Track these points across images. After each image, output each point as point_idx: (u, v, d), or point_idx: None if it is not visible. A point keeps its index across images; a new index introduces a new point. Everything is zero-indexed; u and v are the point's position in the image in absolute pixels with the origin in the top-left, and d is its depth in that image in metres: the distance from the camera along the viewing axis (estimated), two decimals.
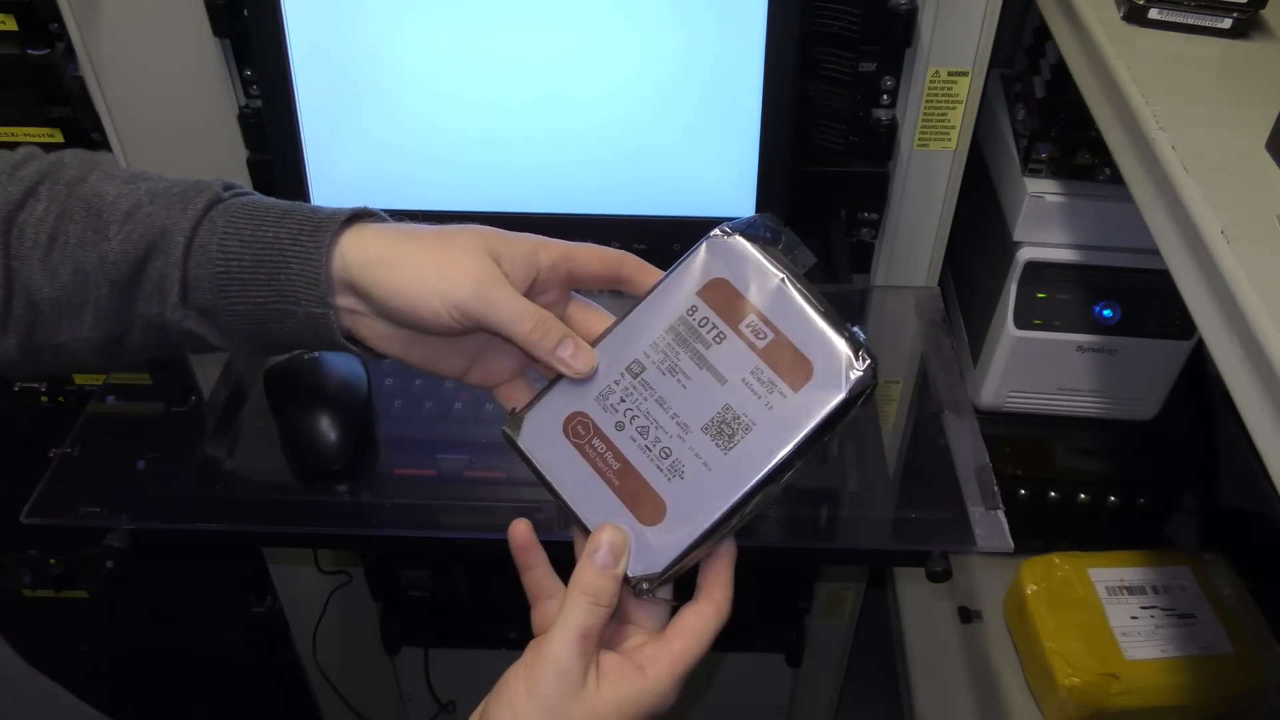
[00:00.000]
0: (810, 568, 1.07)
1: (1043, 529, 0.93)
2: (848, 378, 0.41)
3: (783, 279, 0.42)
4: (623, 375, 0.43)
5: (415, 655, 1.18)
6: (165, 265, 0.45)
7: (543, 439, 0.44)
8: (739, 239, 0.43)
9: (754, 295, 0.43)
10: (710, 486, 0.42)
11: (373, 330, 0.47)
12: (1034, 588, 0.86)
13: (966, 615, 0.93)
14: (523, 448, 0.44)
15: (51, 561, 1.09)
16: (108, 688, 1.22)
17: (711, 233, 0.44)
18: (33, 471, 0.67)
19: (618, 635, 0.44)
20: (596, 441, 0.43)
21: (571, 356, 0.43)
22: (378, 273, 0.44)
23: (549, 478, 0.43)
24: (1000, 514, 0.64)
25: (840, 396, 0.41)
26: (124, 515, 0.64)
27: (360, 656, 1.19)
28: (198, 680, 1.25)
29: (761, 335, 0.42)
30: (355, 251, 0.45)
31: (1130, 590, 0.85)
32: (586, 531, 0.43)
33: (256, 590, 1.13)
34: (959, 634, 0.93)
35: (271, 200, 0.47)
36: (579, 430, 0.43)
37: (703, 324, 0.43)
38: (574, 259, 0.46)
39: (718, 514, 0.41)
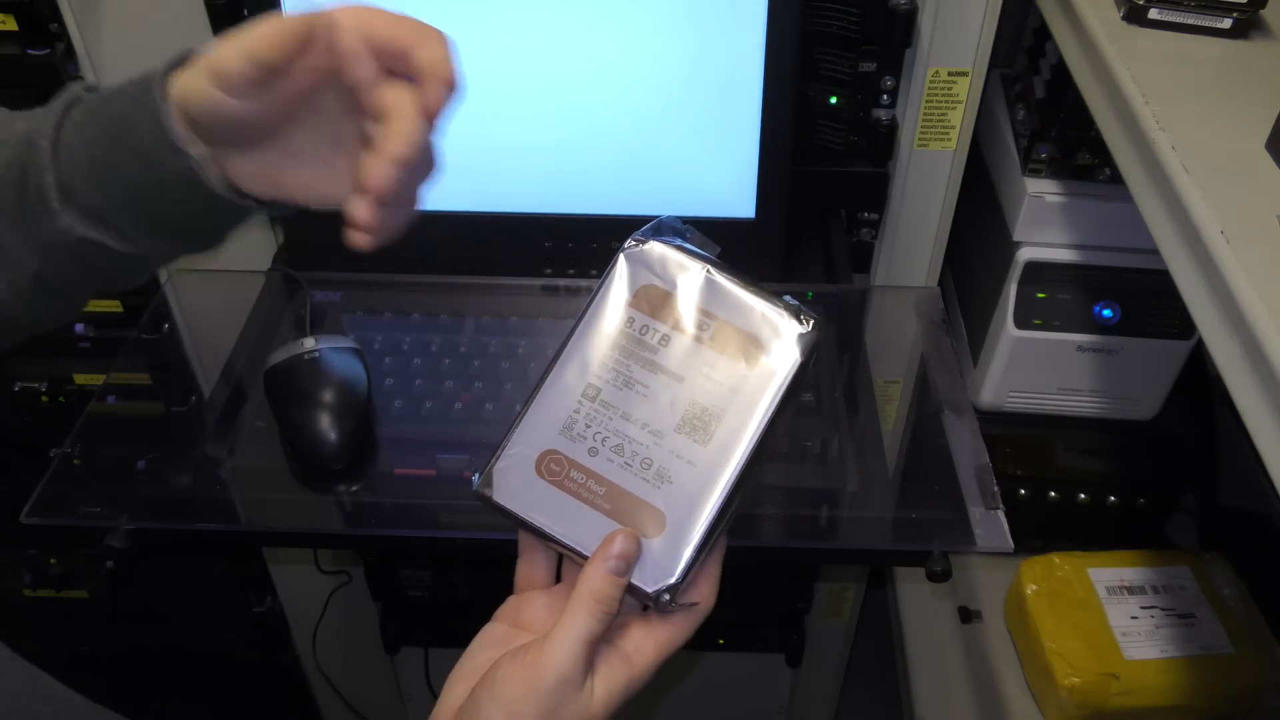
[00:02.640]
0: (810, 568, 1.07)
1: (1043, 529, 0.93)
2: (797, 341, 0.43)
3: (707, 269, 0.44)
4: (581, 403, 0.43)
5: (415, 655, 1.18)
6: (38, 173, 0.44)
7: (518, 487, 0.43)
8: (653, 243, 0.44)
9: (684, 291, 0.44)
10: (701, 480, 0.42)
11: (238, 170, 0.44)
12: (1034, 588, 0.86)
13: (966, 615, 0.93)
14: (500, 502, 0.43)
15: (51, 561, 1.09)
16: (108, 688, 1.22)
17: (625, 245, 0.45)
18: (33, 471, 0.67)
19: None
20: (575, 473, 0.43)
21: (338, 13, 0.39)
22: (189, 89, 0.41)
23: (537, 524, 0.43)
24: (1000, 514, 0.64)
25: (797, 359, 0.42)
26: (124, 515, 0.64)
27: (360, 656, 1.19)
28: (198, 680, 1.25)
29: (704, 326, 0.43)
30: (181, 87, 0.42)
31: (1130, 590, 0.85)
32: None
33: (256, 590, 1.13)
34: (959, 634, 0.93)
35: (124, 81, 0.45)
36: (553, 468, 0.43)
37: (644, 332, 0.43)
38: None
39: (717, 503, 0.42)
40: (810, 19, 0.73)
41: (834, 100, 0.79)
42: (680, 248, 0.44)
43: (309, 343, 0.69)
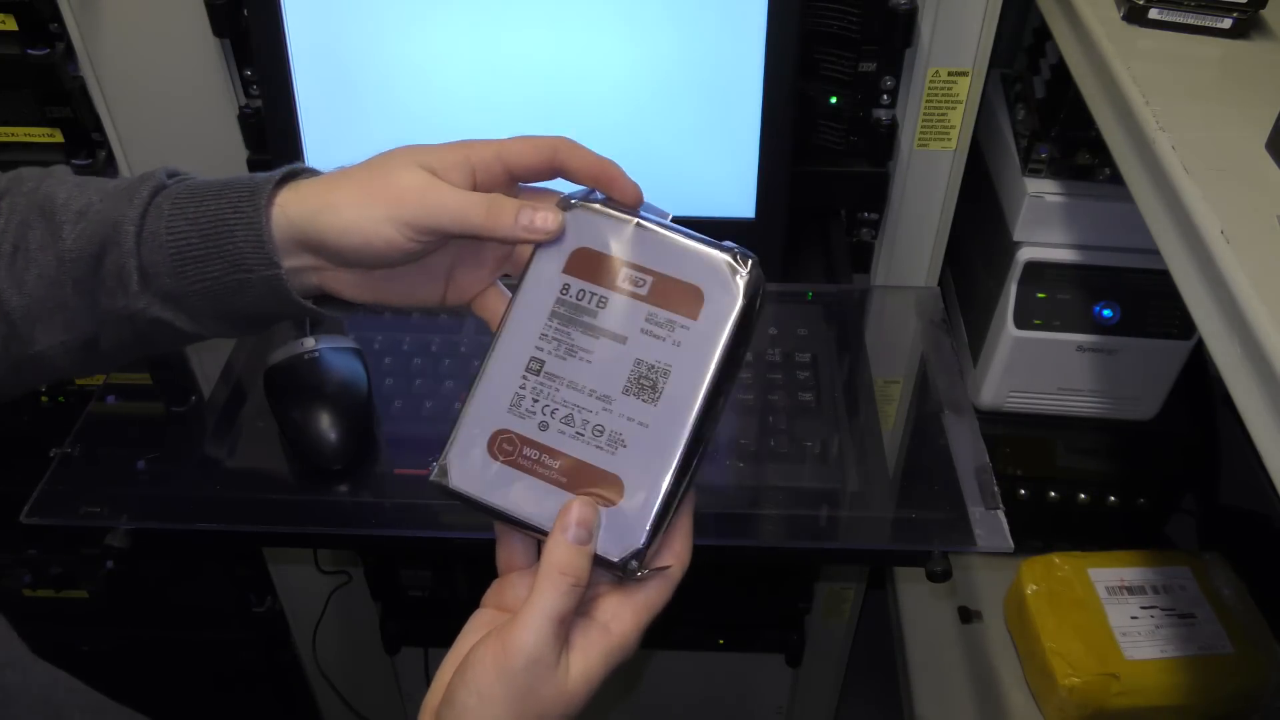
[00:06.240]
0: (810, 568, 1.07)
1: (1043, 529, 0.93)
2: (738, 284, 0.41)
3: (637, 221, 0.42)
4: (525, 377, 0.42)
5: (415, 655, 1.18)
6: (120, 256, 0.46)
7: (474, 473, 0.42)
8: (580, 206, 0.43)
9: (617, 249, 0.42)
10: (655, 442, 0.41)
11: (341, 281, 0.47)
12: (1034, 588, 0.86)
13: (966, 615, 0.93)
14: (458, 489, 0.43)
15: (51, 561, 1.09)
16: (108, 688, 1.22)
17: None
18: (33, 471, 0.67)
19: None
20: (528, 450, 0.42)
21: (537, 220, 0.42)
22: (324, 220, 0.44)
23: (497, 505, 0.42)
24: (1000, 514, 0.64)
25: (740, 303, 0.41)
26: (124, 515, 0.64)
27: (360, 656, 1.19)
28: (198, 680, 1.25)
29: (640, 283, 0.42)
30: (295, 206, 0.45)
31: (1130, 590, 0.85)
32: None
33: (256, 590, 1.13)
34: (959, 634, 0.93)
35: (213, 178, 0.48)
36: (505, 448, 0.42)
37: (580, 297, 0.42)
38: (506, 154, 0.45)
39: (674, 462, 0.41)
40: (810, 19, 0.73)
41: (834, 100, 0.79)
42: (606, 205, 0.43)
43: (309, 342, 0.69)
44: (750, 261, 0.41)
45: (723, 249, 0.42)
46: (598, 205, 0.43)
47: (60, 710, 0.40)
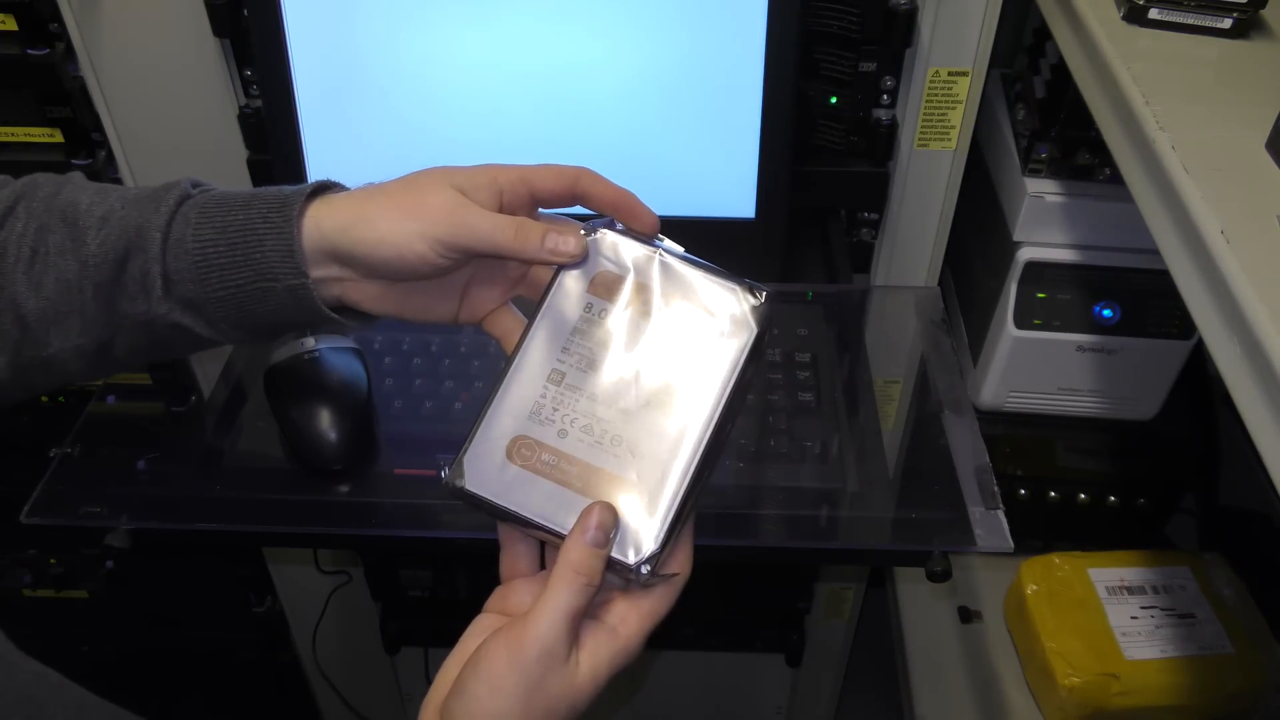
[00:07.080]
0: (810, 568, 1.07)
1: (1043, 529, 0.93)
2: (751, 314, 0.44)
3: (658, 251, 0.46)
4: (546, 387, 0.44)
5: (415, 655, 1.18)
6: (145, 262, 0.46)
7: (490, 474, 0.43)
8: (604, 232, 0.46)
9: (638, 275, 0.45)
10: (670, 452, 0.43)
11: (363, 293, 0.48)
12: (1034, 588, 0.86)
13: (966, 615, 0.93)
14: (473, 490, 0.43)
15: (51, 561, 1.09)
16: (108, 688, 1.22)
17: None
18: (33, 471, 0.67)
19: None
20: (545, 456, 0.43)
21: (561, 244, 0.45)
22: (358, 232, 0.45)
23: (511, 508, 0.43)
24: (1000, 514, 0.64)
25: (753, 332, 0.44)
26: (124, 515, 0.64)
27: (360, 656, 1.19)
28: (198, 680, 1.25)
29: (660, 306, 0.45)
30: (329, 219, 0.46)
31: (1130, 590, 0.85)
32: None
33: (256, 590, 1.13)
34: (959, 634, 0.93)
35: (238, 189, 0.49)
36: (524, 452, 0.43)
37: (602, 315, 0.45)
38: (531, 179, 0.47)
39: (689, 473, 0.43)
40: (810, 19, 0.73)
41: (834, 100, 0.79)
42: (628, 233, 0.46)
43: (309, 342, 0.69)
44: (764, 294, 0.44)
45: (739, 282, 0.45)
46: (619, 233, 0.46)
47: (43, 707, 0.40)
